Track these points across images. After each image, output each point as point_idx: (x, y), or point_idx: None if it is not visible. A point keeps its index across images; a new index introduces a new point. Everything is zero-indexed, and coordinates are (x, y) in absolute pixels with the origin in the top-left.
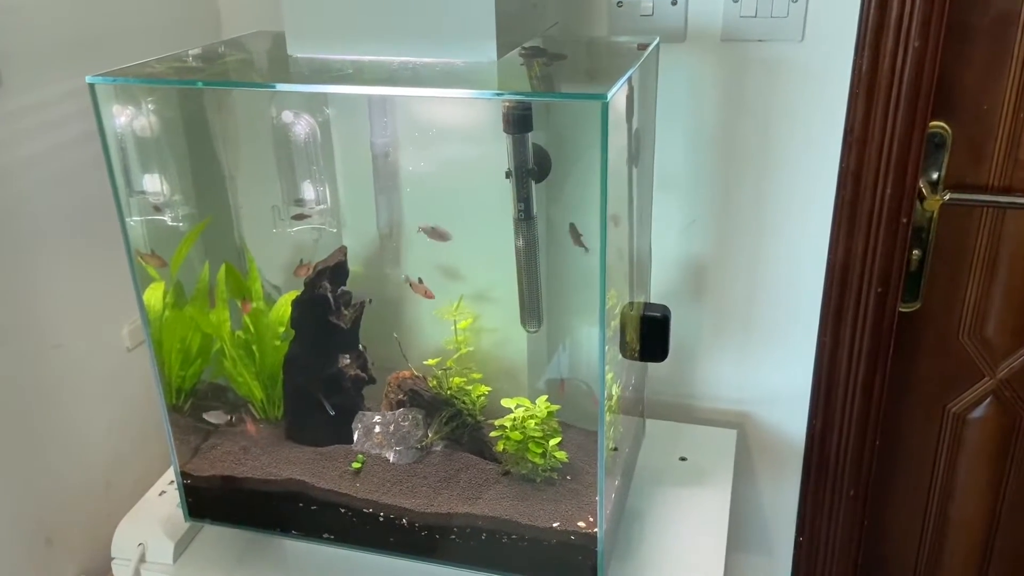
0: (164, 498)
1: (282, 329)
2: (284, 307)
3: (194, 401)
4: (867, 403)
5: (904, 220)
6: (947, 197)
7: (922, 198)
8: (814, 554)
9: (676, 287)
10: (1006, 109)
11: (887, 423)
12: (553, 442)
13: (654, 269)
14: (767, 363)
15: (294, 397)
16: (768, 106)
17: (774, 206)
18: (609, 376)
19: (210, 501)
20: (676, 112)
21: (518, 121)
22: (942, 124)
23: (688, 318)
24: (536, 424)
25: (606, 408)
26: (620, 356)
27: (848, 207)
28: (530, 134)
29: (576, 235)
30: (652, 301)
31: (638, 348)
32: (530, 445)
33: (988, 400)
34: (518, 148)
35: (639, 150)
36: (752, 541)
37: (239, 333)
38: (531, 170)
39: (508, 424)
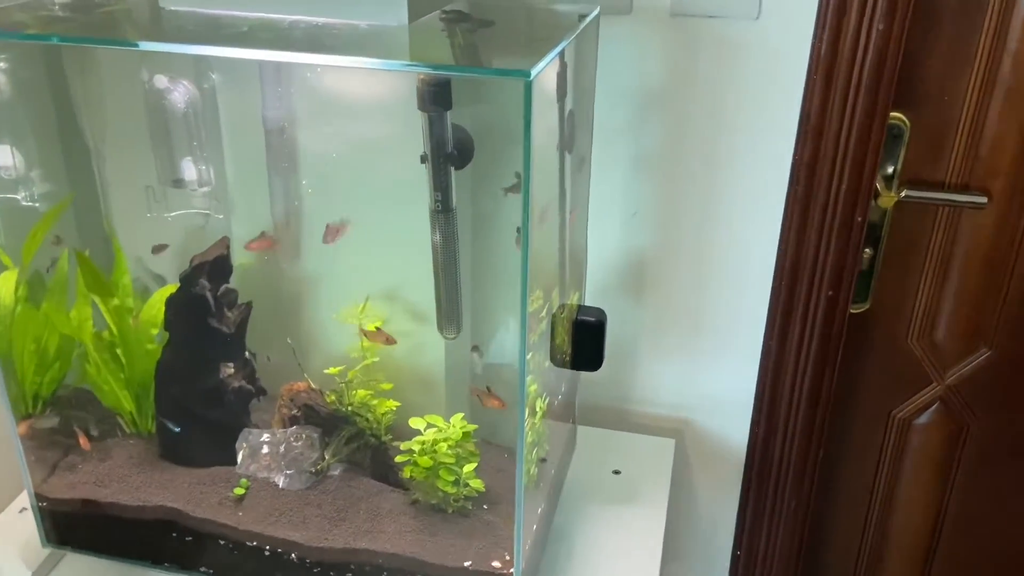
0: (24, 516)
1: (155, 331)
2: (158, 305)
3: (54, 410)
4: (812, 411)
5: (859, 219)
6: (903, 194)
7: (876, 194)
8: (752, 567)
9: (614, 283)
10: (969, 101)
11: (830, 428)
12: (468, 468)
13: (591, 264)
14: (710, 367)
15: (168, 411)
16: (719, 89)
17: (722, 199)
18: (532, 388)
19: (71, 526)
20: (618, 93)
21: (434, 97)
22: (899, 115)
23: (626, 317)
24: (449, 447)
25: (529, 427)
26: (548, 363)
27: (801, 203)
28: (449, 112)
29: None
30: (587, 301)
31: (570, 355)
32: (441, 472)
33: (935, 406)
34: (435, 128)
35: (572, 134)
36: (689, 552)
37: (105, 334)
38: (450, 154)
39: (416, 448)
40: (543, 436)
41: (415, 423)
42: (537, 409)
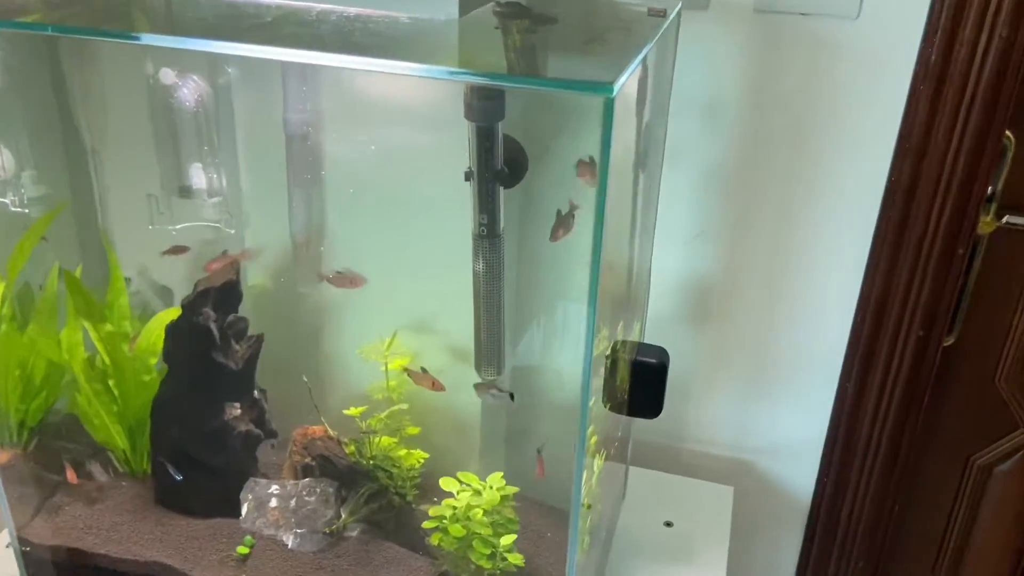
0: (9, 553)
1: (154, 360)
2: (157, 331)
3: (41, 440)
4: (890, 465)
5: (961, 251)
6: (1004, 220)
7: None
8: None
9: (673, 310)
10: None
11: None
12: (506, 540)
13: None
14: (775, 407)
15: (165, 452)
16: (806, 98)
17: (802, 221)
18: (592, 440)
19: (57, 574)
20: (689, 98)
21: (485, 106)
22: (1005, 131)
23: (685, 347)
24: (485, 513)
25: (585, 492)
26: (603, 409)
27: (894, 231)
28: (501, 124)
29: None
30: (647, 331)
31: (626, 400)
32: (475, 543)
33: (1021, 453)
34: (483, 141)
35: (648, 149)
36: None
37: (98, 360)
38: (499, 172)
39: (447, 513)
40: (597, 496)
41: (447, 484)
42: (595, 468)
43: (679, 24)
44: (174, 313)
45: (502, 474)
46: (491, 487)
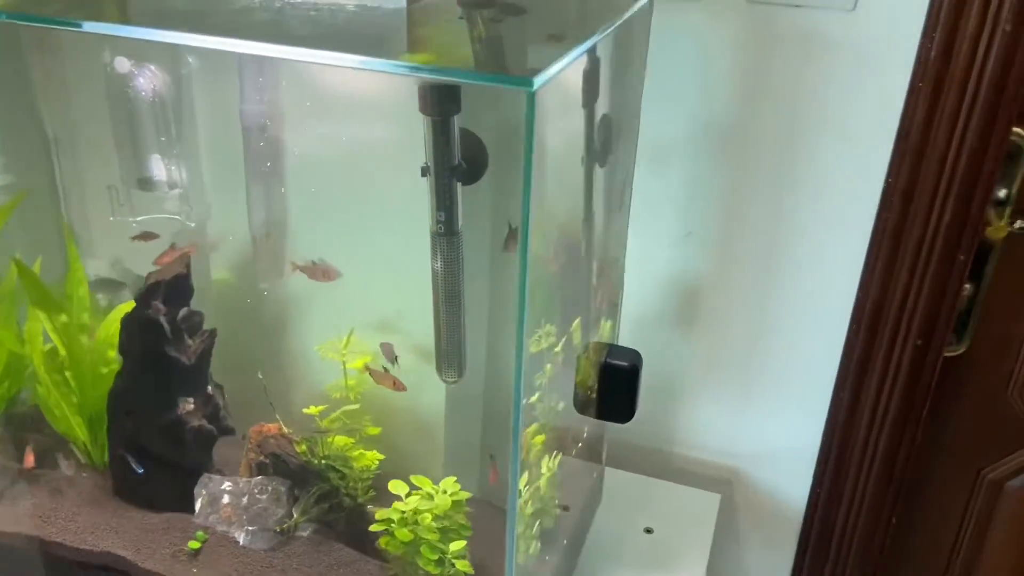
0: None
1: (112, 352)
2: (116, 323)
3: (4, 430)
4: (887, 474)
5: (962, 257)
6: (1016, 225)
7: (985, 223)
8: None
9: (662, 311)
10: None
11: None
12: (454, 547)
13: (636, 289)
14: (767, 413)
15: (122, 445)
16: (800, 94)
17: (795, 223)
18: (538, 440)
19: (13, 563)
20: (676, 93)
21: (439, 99)
22: (1018, 130)
23: (673, 349)
24: (435, 519)
25: (529, 497)
26: (558, 408)
27: (891, 235)
28: (457, 117)
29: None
30: (628, 330)
31: (596, 403)
32: (423, 549)
33: None
34: (439, 136)
35: (608, 141)
36: None
37: (63, 353)
38: (456, 168)
39: (395, 517)
40: (550, 502)
41: (396, 487)
42: (544, 470)
43: (651, 13)
44: (126, 308)
45: (455, 478)
46: (443, 491)
